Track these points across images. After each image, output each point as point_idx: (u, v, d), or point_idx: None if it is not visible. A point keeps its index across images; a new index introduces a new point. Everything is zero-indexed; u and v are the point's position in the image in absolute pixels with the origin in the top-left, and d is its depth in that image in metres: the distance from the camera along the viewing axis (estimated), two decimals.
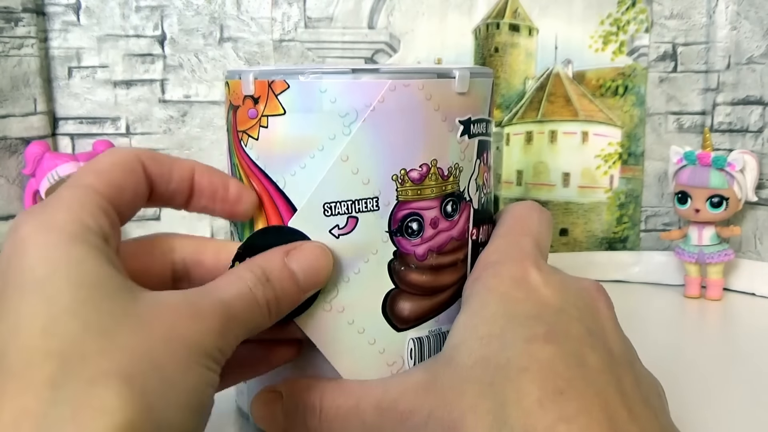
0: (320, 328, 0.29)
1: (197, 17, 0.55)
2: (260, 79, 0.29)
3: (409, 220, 0.29)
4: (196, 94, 0.56)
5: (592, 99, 0.56)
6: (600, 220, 0.57)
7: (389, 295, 0.30)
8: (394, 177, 0.29)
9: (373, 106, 0.28)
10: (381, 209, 0.29)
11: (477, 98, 0.31)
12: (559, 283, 0.27)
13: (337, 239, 0.29)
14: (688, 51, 0.55)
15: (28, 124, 0.54)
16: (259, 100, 0.29)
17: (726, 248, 0.53)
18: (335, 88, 0.28)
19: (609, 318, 0.27)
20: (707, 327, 0.50)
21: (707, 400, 0.36)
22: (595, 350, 0.24)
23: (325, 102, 0.28)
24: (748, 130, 0.54)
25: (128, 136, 0.56)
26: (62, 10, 0.55)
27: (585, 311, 0.26)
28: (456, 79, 0.29)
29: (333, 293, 0.29)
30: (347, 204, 0.29)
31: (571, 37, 0.55)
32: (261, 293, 0.26)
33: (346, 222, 0.29)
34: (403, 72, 0.29)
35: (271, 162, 0.30)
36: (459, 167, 0.30)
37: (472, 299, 0.28)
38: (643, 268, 0.57)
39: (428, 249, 0.30)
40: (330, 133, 0.28)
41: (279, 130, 0.29)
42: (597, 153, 0.56)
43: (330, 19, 0.55)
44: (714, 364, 0.42)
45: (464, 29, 0.55)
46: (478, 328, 0.26)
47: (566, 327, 0.25)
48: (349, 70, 0.29)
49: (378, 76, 0.28)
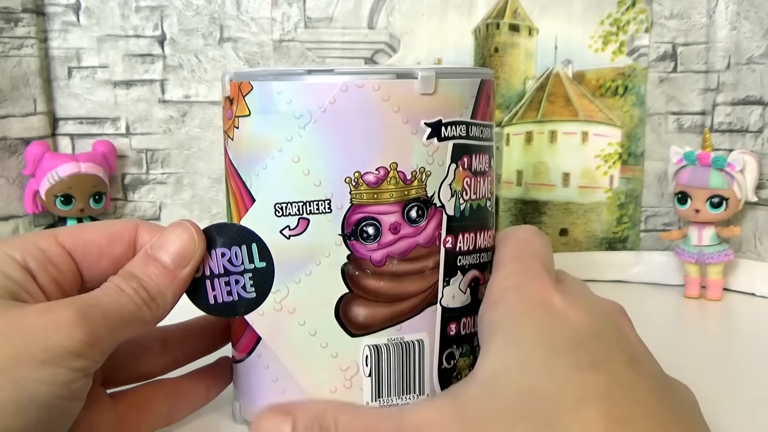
0: (272, 328, 0.30)
1: (197, 17, 0.55)
2: (233, 81, 0.30)
3: (365, 224, 0.29)
4: (196, 95, 0.56)
5: (592, 99, 0.56)
6: (600, 220, 0.57)
7: (342, 299, 0.30)
8: (347, 180, 0.29)
9: (324, 107, 0.28)
10: (333, 212, 0.29)
11: (450, 100, 0.30)
12: (585, 306, 0.26)
13: (287, 240, 0.29)
14: (688, 51, 0.55)
15: (28, 125, 0.54)
16: (233, 101, 0.30)
17: (726, 248, 0.53)
18: (290, 89, 0.28)
19: (637, 341, 0.27)
20: (707, 327, 0.50)
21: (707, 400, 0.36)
22: (641, 376, 0.24)
23: (281, 103, 0.29)
24: (748, 130, 0.54)
25: (128, 137, 0.56)
26: (62, 11, 0.55)
27: (618, 335, 0.26)
28: (418, 79, 0.29)
29: (284, 293, 0.29)
30: (298, 205, 0.29)
31: (571, 37, 0.55)
32: (124, 283, 0.27)
33: (297, 223, 0.29)
34: (359, 73, 0.29)
35: (241, 162, 0.30)
36: (426, 171, 0.29)
37: (502, 326, 0.26)
38: (643, 268, 0.57)
39: (387, 254, 0.29)
40: (287, 134, 0.29)
41: (246, 130, 0.30)
42: (597, 153, 0.56)
43: (330, 19, 0.55)
44: (714, 364, 0.42)
45: (464, 29, 0.55)
46: (518, 357, 0.24)
47: (608, 354, 0.24)
48: (304, 71, 0.29)
49: (332, 77, 0.28)
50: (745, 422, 0.34)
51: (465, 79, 0.31)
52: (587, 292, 0.29)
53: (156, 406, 0.32)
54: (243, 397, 0.33)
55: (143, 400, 0.31)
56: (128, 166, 0.57)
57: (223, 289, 0.29)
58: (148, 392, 0.32)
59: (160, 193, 0.57)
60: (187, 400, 0.33)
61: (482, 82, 0.31)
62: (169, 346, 0.33)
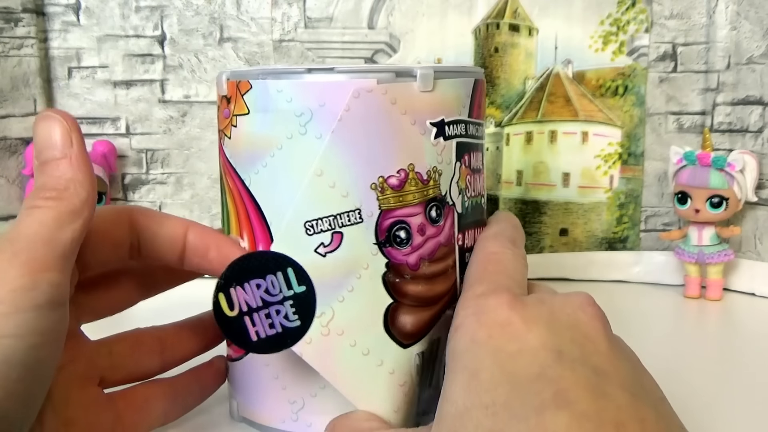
0: (322, 355, 0.28)
1: (197, 17, 0.55)
2: (231, 80, 0.30)
3: (396, 228, 0.29)
4: (196, 94, 0.56)
5: (592, 99, 0.56)
6: (600, 220, 0.57)
7: (389, 310, 0.29)
8: (372, 186, 0.28)
9: (339, 115, 0.28)
10: (365, 221, 0.28)
11: (449, 99, 0.30)
12: (546, 320, 0.26)
13: (324, 258, 0.28)
14: (688, 51, 0.55)
15: (28, 124, 0.54)
16: (231, 100, 0.30)
17: (726, 248, 0.53)
18: (290, 87, 0.28)
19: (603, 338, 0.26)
20: (707, 327, 0.50)
21: (707, 401, 0.36)
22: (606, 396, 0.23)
23: (281, 102, 0.28)
24: (748, 130, 0.54)
25: (128, 137, 0.56)
26: (62, 11, 0.55)
27: (582, 344, 0.25)
28: (417, 77, 0.29)
29: (329, 315, 0.28)
30: (329, 220, 0.28)
31: (571, 37, 0.55)
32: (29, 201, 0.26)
33: (330, 238, 0.28)
34: (359, 71, 0.28)
35: (239, 160, 0.30)
36: (438, 170, 0.29)
37: (464, 356, 0.26)
38: (643, 268, 0.57)
39: (420, 257, 0.29)
40: (287, 133, 0.28)
41: (245, 129, 0.30)
42: (597, 153, 0.56)
43: (330, 19, 0.55)
44: (714, 364, 0.42)
45: (464, 29, 0.55)
46: (481, 395, 0.24)
47: (571, 377, 0.23)
48: (304, 69, 0.29)
49: (332, 75, 0.28)
50: (745, 422, 0.34)
51: (461, 79, 0.31)
52: (550, 299, 0.27)
53: (153, 406, 0.32)
54: (241, 395, 0.33)
55: (141, 399, 0.31)
56: (128, 166, 0.57)
57: (264, 322, 0.28)
58: (145, 392, 0.32)
59: (160, 193, 0.57)
60: (183, 398, 0.33)
61: (476, 81, 0.32)
62: (165, 346, 0.33)
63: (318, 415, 0.30)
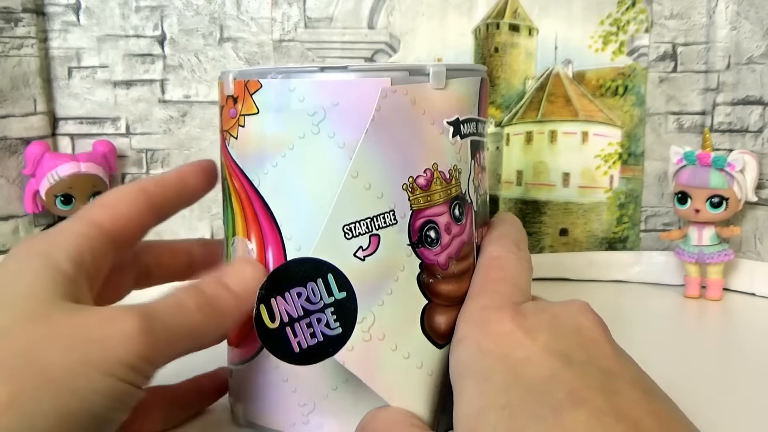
0: (365, 362, 0.28)
1: (197, 17, 0.55)
2: (238, 79, 0.30)
3: (427, 228, 0.28)
4: (196, 94, 0.56)
5: (592, 99, 0.56)
6: (600, 220, 0.57)
7: (425, 311, 0.29)
8: (404, 186, 0.28)
9: (372, 115, 0.27)
10: (399, 222, 0.28)
11: (461, 97, 0.30)
12: (549, 326, 0.26)
13: (363, 261, 0.27)
14: (688, 51, 0.55)
15: (28, 124, 0.54)
16: (238, 100, 0.30)
17: (726, 248, 0.53)
18: (303, 86, 0.28)
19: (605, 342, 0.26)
20: (707, 327, 0.50)
21: (707, 401, 0.36)
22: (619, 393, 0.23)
23: (293, 101, 0.28)
24: (748, 130, 0.54)
25: (128, 137, 0.56)
26: (62, 10, 0.55)
27: (587, 348, 0.25)
28: (430, 74, 0.29)
29: (370, 320, 0.27)
30: (366, 222, 0.27)
31: (571, 37, 0.55)
32: (191, 299, 0.27)
33: (368, 242, 0.27)
34: (372, 69, 0.28)
35: (247, 160, 0.30)
36: (458, 169, 0.30)
37: (472, 365, 0.26)
38: (643, 268, 0.57)
39: (448, 256, 0.29)
40: (300, 132, 0.28)
41: (253, 129, 0.29)
42: (597, 153, 0.56)
43: (330, 19, 0.55)
44: (714, 364, 0.42)
45: (464, 29, 0.55)
46: (496, 397, 0.24)
47: (581, 379, 0.24)
48: (317, 68, 0.28)
49: (346, 74, 0.28)
50: (746, 422, 0.34)
51: (471, 77, 0.31)
52: (550, 306, 0.28)
53: (151, 414, 0.31)
54: (247, 399, 0.32)
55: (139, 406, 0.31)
56: (128, 166, 0.57)
57: (306, 332, 0.27)
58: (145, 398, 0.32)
59: None
60: (182, 408, 0.33)
61: (482, 80, 0.32)
62: None
63: (329, 416, 0.30)
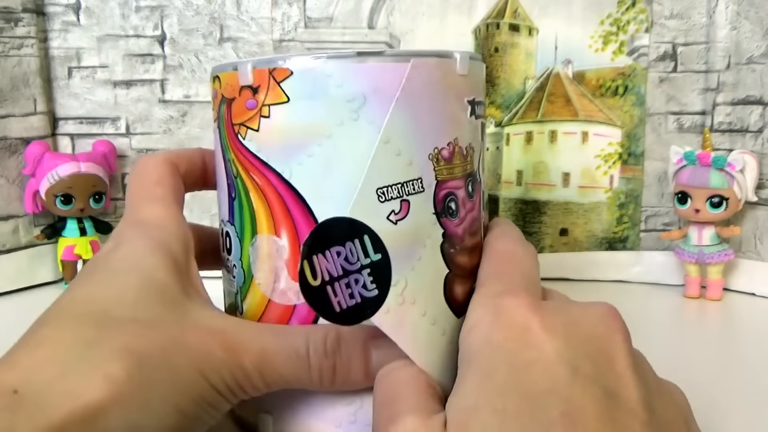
0: (398, 326, 0.27)
1: (197, 17, 0.55)
2: (260, 68, 0.28)
3: (449, 200, 0.29)
4: (196, 94, 0.56)
5: (592, 99, 0.56)
6: (600, 220, 0.57)
7: (447, 280, 0.29)
8: (430, 156, 0.28)
9: (402, 84, 0.27)
10: (426, 191, 0.28)
11: (476, 80, 0.31)
12: (565, 329, 0.25)
13: (395, 225, 0.27)
14: (688, 51, 0.55)
15: (28, 124, 0.54)
16: (259, 90, 0.28)
17: (726, 248, 0.53)
18: (341, 72, 0.27)
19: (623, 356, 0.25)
20: (707, 327, 0.50)
21: (707, 400, 0.36)
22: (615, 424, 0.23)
23: (331, 87, 0.27)
24: (748, 130, 0.54)
25: (128, 136, 0.56)
26: (62, 10, 0.55)
27: (597, 360, 0.24)
28: (458, 60, 0.29)
29: (402, 284, 0.27)
30: (398, 187, 0.27)
31: (571, 37, 0.55)
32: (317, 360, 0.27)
33: (399, 206, 0.28)
34: (405, 55, 0.28)
35: (273, 153, 0.28)
36: (472, 147, 0.30)
37: (477, 357, 0.25)
38: (643, 268, 0.57)
39: (464, 230, 0.29)
40: (337, 120, 0.27)
41: (283, 118, 0.28)
42: (597, 153, 0.56)
43: (330, 19, 0.55)
44: (714, 364, 0.42)
45: (464, 29, 0.55)
46: (493, 398, 0.24)
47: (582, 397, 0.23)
48: (354, 53, 0.28)
49: (383, 59, 0.28)
50: (746, 422, 0.34)
51: (482, 63, 0.31)
52: (570, 307, 0.27)
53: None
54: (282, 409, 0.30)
55: None
56: (128, 166, 0.57)
57: (345, 292, 0.27)
58: None
59: None
60: None
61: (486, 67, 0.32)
62: None
63: None
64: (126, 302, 0.25)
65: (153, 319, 0.25)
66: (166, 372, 0.24)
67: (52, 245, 0.56)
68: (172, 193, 0.30)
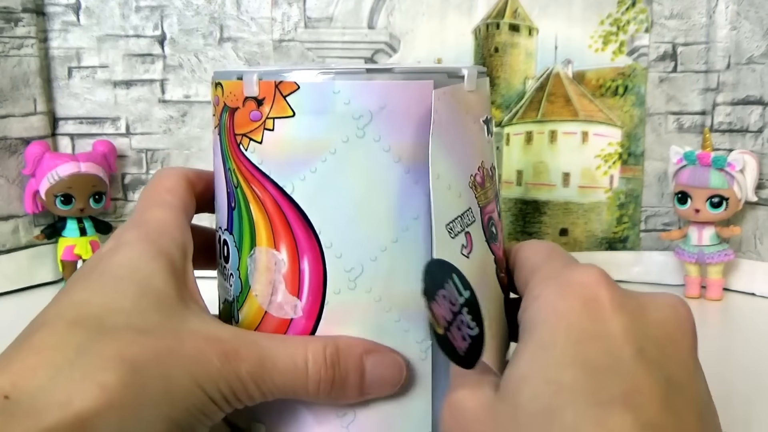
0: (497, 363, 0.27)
1: (197, 17, 0.55)
2: (266, 80, 0.28)
3: (491, 224, 0.29)
4: (196, 94, 0.56)
5: (592, 99, 0.56)
6: (600, 220, 0.57)
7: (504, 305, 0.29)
8: (470, 184, 0.28)
9: (432, 118, 0.27)
10: (476, 219, 0.28)
11: (484, 97, 0.30)
12: (633, 307, 0.24)
13: (468, 259, 0.27)
14: (688, 51, 0.55)
15: (28, 124, 0.54)
16: (264, 102, 0.28)
17: (726, 248, 0.53)
18: (349, 89, 0.27)
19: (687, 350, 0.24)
20: (707, 327, 0.50)
21: None
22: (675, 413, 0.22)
23: (338, 103, 0.27)
24: (748, 130, 0.54)
25: (128, 136, 0.56)
26: (62, 10, 0.55)
27: (663, 346, 0.24)
28: (465, 78, 0.28)
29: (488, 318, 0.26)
30: (459, 221, 0.27)
31: (571, 37, 0.55)
32: (315, 371, 0.26)
33: (465, 239, 0.27)
34: (413, 72, 0.28)
35: (276, 166, 0.28)
36: (494, 166, 0.30)
37: (540, 328, 0.24)
38: (643, 268, 0.57)
39: (502, 251, 0.30)
40: (343, 136, 0.27)
41: (287, 132, 0.28)
42: (597, 153, 0.56)
43: (330, 19, 0.55)
44: (714, 364, 0.42)
45: (464, 29, 0.55)
46: (547, 370, 0.23)
47: (644, 380, 0.22)
48: (363, 70, 0.27)
49: (392, 76, 0.27)
50: (745, 422, 0.34)
51: (486, 78, 0.31)
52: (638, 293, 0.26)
53: None
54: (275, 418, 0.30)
55: None
56: (128, 166, 0.57)
57: (458, 335, 0.26)
58: None
59: None
60: None
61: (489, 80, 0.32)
62: None
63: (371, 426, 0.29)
64: (122, 309, 0.25)
65: (148, 327, 0.25)
66: (160, 380, 0.23)
67: (52, 245, 0.56)
68: (180, 202, 0.30)
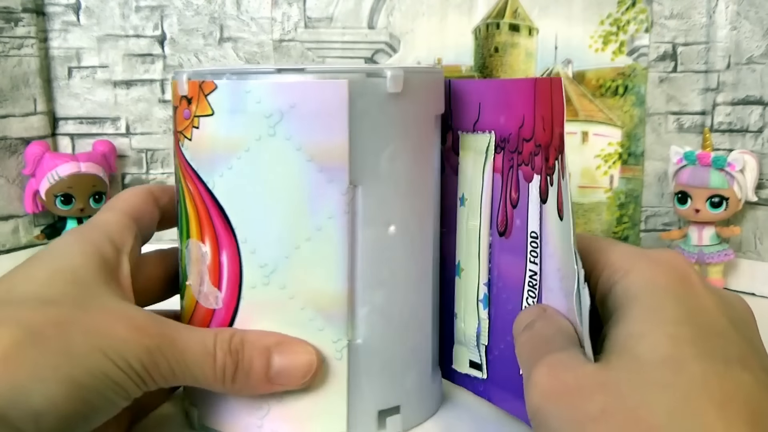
0: None
1: (197, 17, 0.55)
2: (192, 80, 0.29)
3: None
4: None
5: (592, 99, 0.56)
6: (600, 220, 0.57)
7: None
8: None
9: None
10: None
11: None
12: (715, 291, 0.26)
13: None
14: (688, 51, 0.55)
15: (28, 124, 0.54)
16: (192, 101, 0.29)
17: (726, 248, 0.53)
18: (260, 88, 0.28)
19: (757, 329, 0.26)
20: None
21: None
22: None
23: (250, 103, 0.28)
24: (748, 130, 0.54)
25: (128, 136, 0.56)
26: (62, 10, 0.55)
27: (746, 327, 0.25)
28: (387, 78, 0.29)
29: None
30: None
31: (571, 37, 0.55)
32: (222, 354, 0.28)
33: None
34: (329, 71, 0.28)
35: (201, 162, 0.29)
36: None
37: (643, 296, 0.25)
38: None
39: None
40: (255, 134, 0.28)
41: (208, 130, 0.29)
42: (597, 153, 0.56)
43: (330, 19, 0.55)
44: None
45: (464, 29, 0.55)
46: (665, 326, 0.23)
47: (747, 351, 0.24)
48: (274, 69, 0.28)
49: (303, 76, 0.28)
50: None
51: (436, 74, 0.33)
52: None
53: None
54: (202, 404, 0.31)
55: None
56: (128, 165, 0.57)
57: None
58: None
59: None
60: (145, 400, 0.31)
61: None
62: None
63: (284, 422, 0.30)
64: (32, 280, 0.27)
65: (55, 298, 0.26)
66: (58, 342, 0.24)
67: None
68: (130, 207, 0.32)
